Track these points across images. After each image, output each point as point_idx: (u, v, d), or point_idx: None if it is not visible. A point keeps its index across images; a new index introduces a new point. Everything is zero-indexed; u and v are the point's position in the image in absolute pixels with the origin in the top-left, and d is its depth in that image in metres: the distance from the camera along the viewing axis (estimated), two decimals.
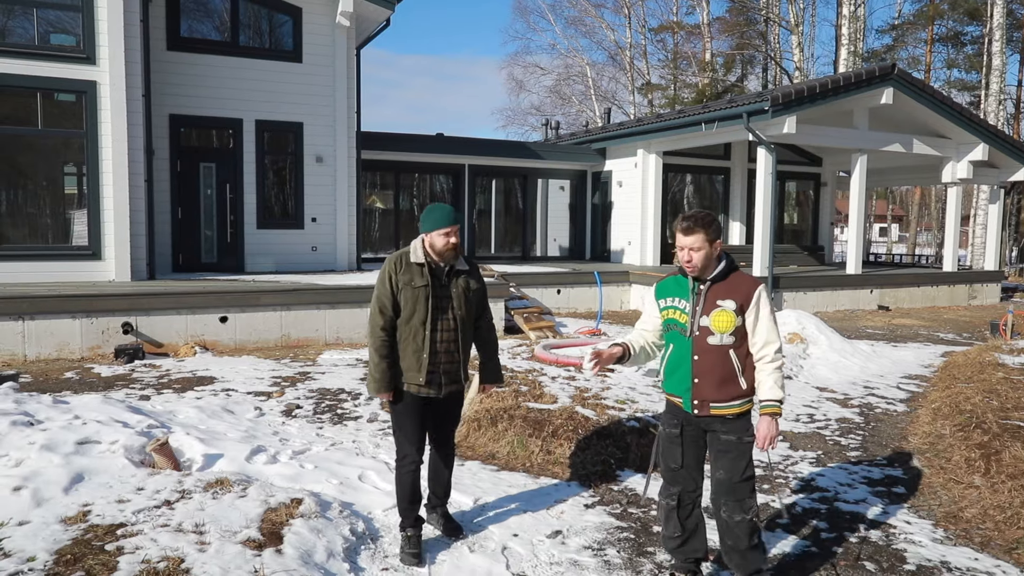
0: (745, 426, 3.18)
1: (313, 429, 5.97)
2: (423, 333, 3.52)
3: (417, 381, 3.55)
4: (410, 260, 3.55)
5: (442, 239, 3.52)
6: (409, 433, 3.65)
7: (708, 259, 3.14)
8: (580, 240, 18.19)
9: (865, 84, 13.43)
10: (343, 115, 12.97)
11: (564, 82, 37.56)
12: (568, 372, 7.23)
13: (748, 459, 3.17)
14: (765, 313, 3.14)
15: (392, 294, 3.52)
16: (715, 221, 3.17)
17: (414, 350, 3.53)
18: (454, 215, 3.57)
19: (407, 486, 3.66)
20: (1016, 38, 29.54)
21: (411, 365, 3.55)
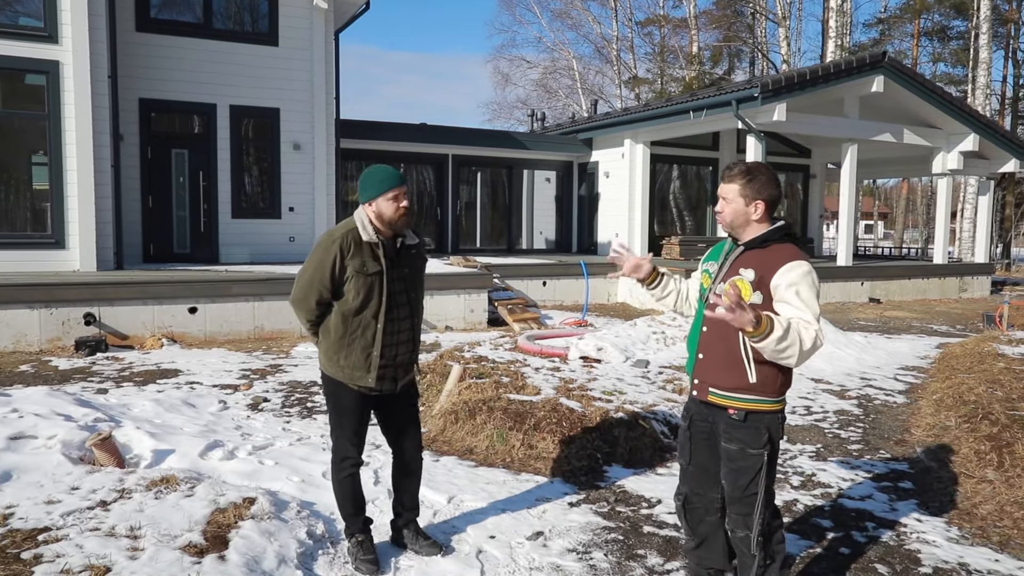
0: (752, 435, 2.65)
1: (279, 423, 5.57)
2: (375, 327, 3.01)
3: (365, 382, 3.05)
4: (361, 239, 2.98)
5: (391, 205, 2.97)
6: (351, 432, 3.14)
7: (739, 216, 2.68)
8: (566, 232, 17.84)
9: (856, 71, 13.15)
10: (321, 101, 12.53)
11: (550, 75, 37.21)
12: (552, 363, 6.87)
13: (754, 475, 2.67)
14: (790, 294, 2.53)
15: (334, 282, 2.95)
16: (760, 176, 2.66)
17: (363, 347, 3.01)
18: (399, 174, 3.05)
19: (348, 492, 3.19)
20: (1001, 33, 29.50)
21: (358, 364, 3.03)
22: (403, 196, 3.02)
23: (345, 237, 2.98)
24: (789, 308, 2.54)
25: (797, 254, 2.62)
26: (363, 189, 3.04)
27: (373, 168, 3.06)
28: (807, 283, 2.56)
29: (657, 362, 7.05)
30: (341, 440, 3.16)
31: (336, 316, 3.02)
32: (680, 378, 6.37)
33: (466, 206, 16.97)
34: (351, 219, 3.07)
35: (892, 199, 56.76)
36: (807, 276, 2.57)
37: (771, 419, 2.68)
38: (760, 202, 2.66)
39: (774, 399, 2.67)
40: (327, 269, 2.95)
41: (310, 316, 3.06)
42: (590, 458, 4.71)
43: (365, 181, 3.04)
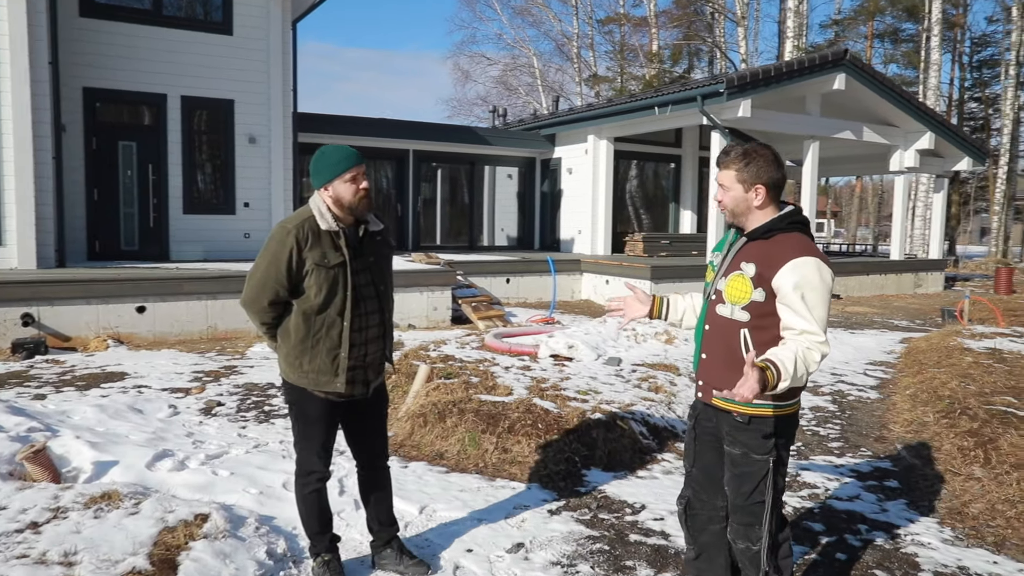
0: (756, 439, 2.43)
1: (235, 429, 5.22)
2: (341, 325, 2.71)
3: (333, 387, 2.74)
4: (319, 228, 2.66)
5: (350, 187, 2.66)
6: (318, 444, 2.81)
7: (739, 204, 2.44)
8: (529, 229, 17.63)
9: (818, 69, 13.20)
10: (278, 93, 12.07)
11: (511, 72, 37.04)
12: (522, 362, 6.63)
13: (757, 482, 2.44)
14: (795, 298, 2.28)
15: (291, 279, 2.63)
16: (758, 158, 2.41)
17: (329, 348, 2.70)
18: (356, 153, 2.72)
19: (314, 508, 2.87)
20: (948, 37, 30.28)
21: (324, 367, 2.71)
22: (362, 176, 2.70)
23: (301, 227, 2.65)
24: (793, 316, 2.31)
25: (804, 246, 2.36)
26: (317, 172, 2.71)
27: (326, 148, 2.73)
28: (814, 283, 2.30)
29: (629, 360, 6.86)
30: (306, 453, 2.84)
31: (296, 316, 2.70)
32: (655, 376, 6.19)
33: (427, 202, 16.63)
34: (306, 207, 2.74)
35: (842, 198, 58.13)
36: (814, 274, 2.30)
37: (779, 422, 2.44)
38: (760, 187, 2.41)
39: (782, 403, 2.43)
40: (283, 264, 2.62)
41: (265, 318, 2.74)
42: (568, 462, 4.48)
43: (319, 163, 2.70)
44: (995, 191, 30.88)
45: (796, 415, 2.54)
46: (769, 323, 2.39)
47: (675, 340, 7.74)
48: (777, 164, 2.44)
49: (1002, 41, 32.20)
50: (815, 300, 2.30)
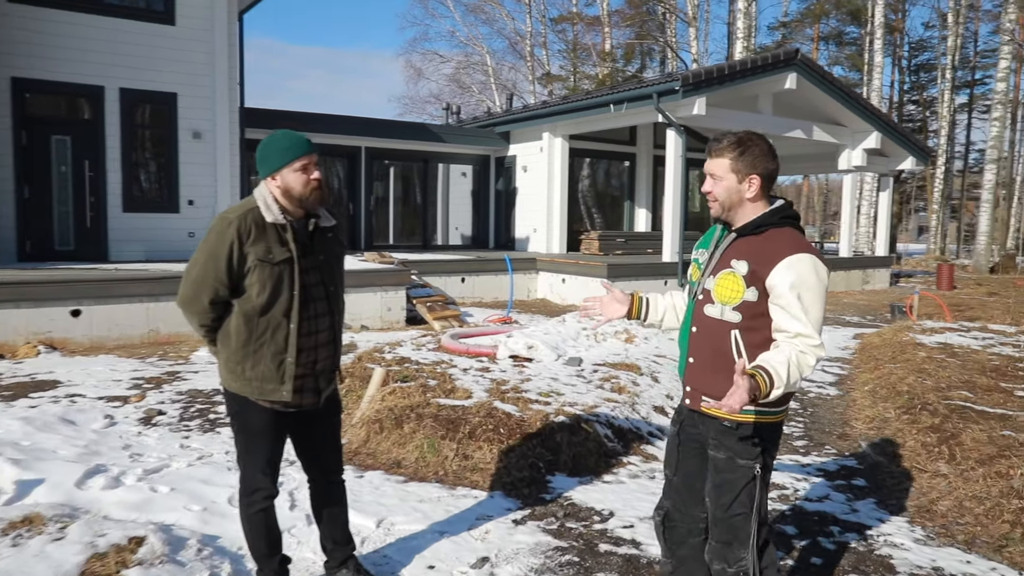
0: (743, 444, 2.28)
1: (177, 439, 4.89)
2: (287, 328, 2.47)
3: (279, 396, 2.50)
4: (264, 221, 2.43)
5: (300, 177, 2.43)
6: (262, 460, 2.57)
7: (731, 195, 2.27)
8: (484, 228, 17.42)
9: (771, 68, 13.33)
10: (223, 87, 11.61)
11: (464, 70, 36.75)
12: (481, 363, 6.44)
13: (739, 491, 2.28)
14: (791, 299, 2.14)
15: (232, 276, 2.40)
16: (753, 146, 2.25)
17: (274, 353, 2.47)
18: (307, 140, 2.49)
19: (261, 529, 2.63)
20: (889, 41, 31.17)
21: (268, 374, 2.47)
22: (314, 166, 2.47)
23: (243, 219, 2.41)
24: (786, 318, 2.16)
25: (798, 243, 2.22)
26: (264, 160, 2.47)
27: (275, 134, 2.49)
28: (810, 282, 2.16)
29: (590, 359, 6.73)
30: (250, 469, 2.59)
31: (237, 317, 2.46)
32: (617, 376, 6.06)
33: (380, 201, 16.28)
34: (250, 198, 2.50)
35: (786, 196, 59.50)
36: (811, 273, 2.16)
37: (766, 429, 2.31)
38: (755, 177, 2.26)
39: (773, 410, 2.29)
40: (222, 259, 2.38)
41: (204, 320, 2.49)
42: (532, 467, 4.31)
43: (266, 150, 2.47)
44: (933, 190, 31.92)
45: (782, 422, 2.40)
46: (761, 324, 2.24)
47: (635, 339, 7.64)
48: (772, 154, 2.29)
49: (938, 46, 33.33)
50: (811, 300, 2.16)
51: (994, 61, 28.59)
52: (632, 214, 17.79)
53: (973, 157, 38.34)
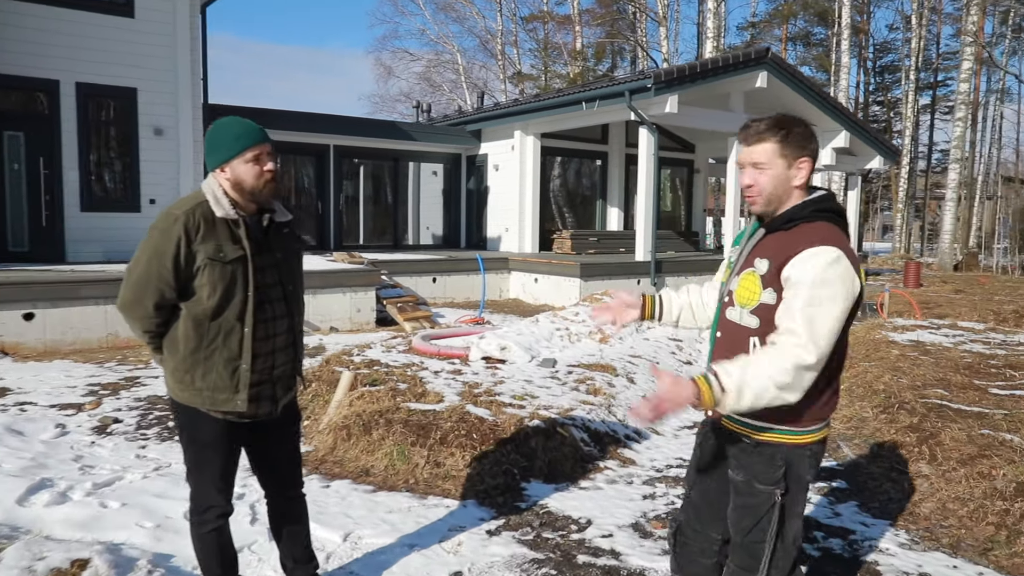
0: (763, 466, 2.04)
1: (133, 449, 4.65)
2: (241, 332, 2.28)
3: (233, 406, 2.31)
4: (213, 216, 2.24)
5: (252, 169, 2.24)
6: (216, 475, 2.38)
7: (780, 185, 1.99)
8: (455, 227, 17.22)
9: (742, 66, 13.33)
10: (186, 82, 11.26)
11: (434, 69, 36.48)
12: (453, 365, 6.26)
13: (759, 518, 2.05)
14: (797, 296, 1.89)
15: (179, 277, 2.20)
16: (796, 126, 1.98)
17: (227, 359, 2.28)
18: (260, 128, 2.29)
19: (214, 549, 2.43)
20: (855, 43, 31.64)
21: (221, 383, 2.28)
22: (268, 156, 2.28)
23: (191, 214, 2.21)
24: (783, 313, 1.92)
25: (827, 236, 1.93)
26: (212, 150, 2.27)
27: (224, 121, 2.29)
28: (826, 279, 1.87)
29: (564, 360, 6.59)
30: (202, 485, 2.39)
31: (186, 322, 2.26)
32: (592, 378, 5.93)
33: (349, 200, 15.99)
34: (198, 191, 2.30)
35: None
36: (826, 267, 1.87)
37: (793, 452, 2.04)
38: (805, 160, 1.99)
39: (799, 429, 2.02)
40: (168, 258, 2.18)
41: (148, 325, 2.28)
42: (506, 474, 4.15)
43: (215, 139, 2.27)
44: (898, 190, 32.46)
45: (819, 447, 2.09)
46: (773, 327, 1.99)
47: (610, 339, 7.53)
48: (813, 135, 2.03)
49: (902, 48, 33.92)
50: (819, 299, 1.88)
51: (956, 63, 29.15)
52: (604, 213, 17.73)
53: (935, 157, 39.11)
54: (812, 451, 2.06)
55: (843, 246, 1.93)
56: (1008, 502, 3.62)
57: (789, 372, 1.84)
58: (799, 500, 2.09)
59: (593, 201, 17.82)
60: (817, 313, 1.88)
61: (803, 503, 2.11)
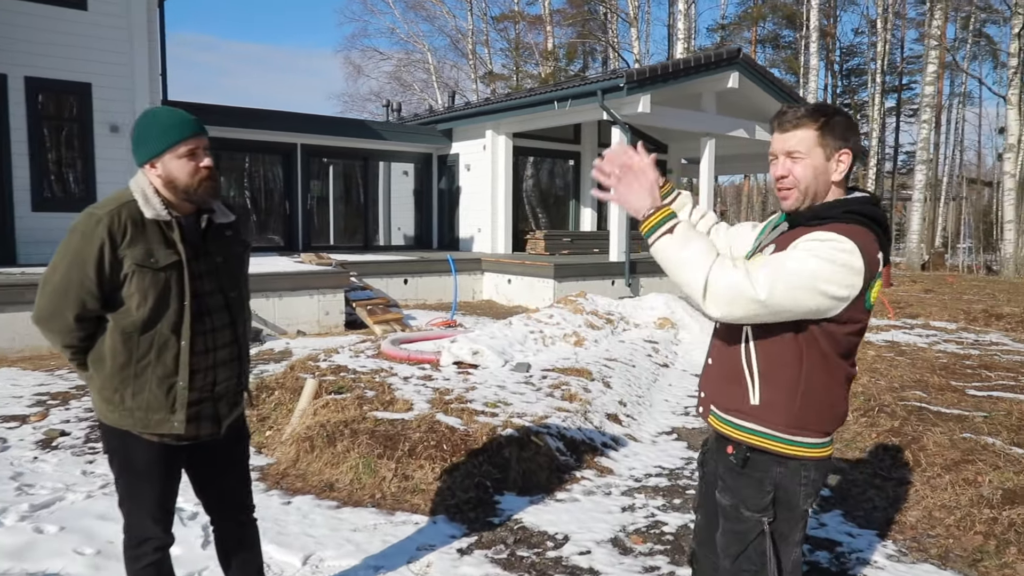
0: (750, 489, 1.87)
1: (79, 465, 4.35)
2: (177, 346, 2.05)
3: (169, 428, 2.07)
4: (142, 217, 2.00)
5: (186, 165, 2.01)
6: (152, 504, 2.13)
7: (819, 177, 1.80)
8: (427, 228, 16.96)
9: (714, 66, 13.28)
10: (143, 78, 10.86)
11: (405, 68, 36.13)
12: (423, 370, 6.04)
13: (745, 546, 1.88)
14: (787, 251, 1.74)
15: (104, 285, 1.96)
16: (838, 115, 1.80)
17: (161, 376, 2.04)
18: (194, 119, 2.06)
19: None
20: (822, 46, 32.00)
21: (155, 402, 2.04)
22: (204, 152, 2.05)
23: (116, 215, 1.96)
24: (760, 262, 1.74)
25: (854, 231, 1.73)
26: (140, 143, 2.03)
27: (154, 111, 2.05)
28: (821, 254, 1.68)
29: (539, 365, 6.41)
30: (137, 516, 2.15)
31: (113, 335, 2.02)
32: (567, 383, 5.75)
33: (318, 200, 15.65)
34: (125, 190, 2.05)
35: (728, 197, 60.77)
36: (834, 250, 1.68)
37: (785, 472, 1.84)
38: (846, 153, 1.80)
39: (790, 438, 1.82)
40: (90, 265, 1.94)
41: (69, 339, 2.03)
42: (478, 487, 3.95)
43: (143, 131, 2.02)
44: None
45: (816, 472, 1.86)
46: (778, 329, 1.79)
47: (585, 342, 7.36)
48: (856, 127, 1.83)
49: (867, 52, 34.40)
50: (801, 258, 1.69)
51: (919, 67, 29.61)
52: (577, 213, 17.61)
53: (901, 159, 39.74)
54: (806, 475, 1.84)
55: (865, 245, 1.72)
56: (996, 510, 3.51)
57: (726, 279, 1.68)
58: (794, 529, 1.89)
59: (566, 201, 17.69)
60: (794, 265, 1.69)
61: (800, 531, 1.91)
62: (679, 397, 6.28)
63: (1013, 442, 4.36)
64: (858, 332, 1.80)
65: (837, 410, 1.87)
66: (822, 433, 1.84)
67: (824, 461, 1.88)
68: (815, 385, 1.79)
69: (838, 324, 1.75)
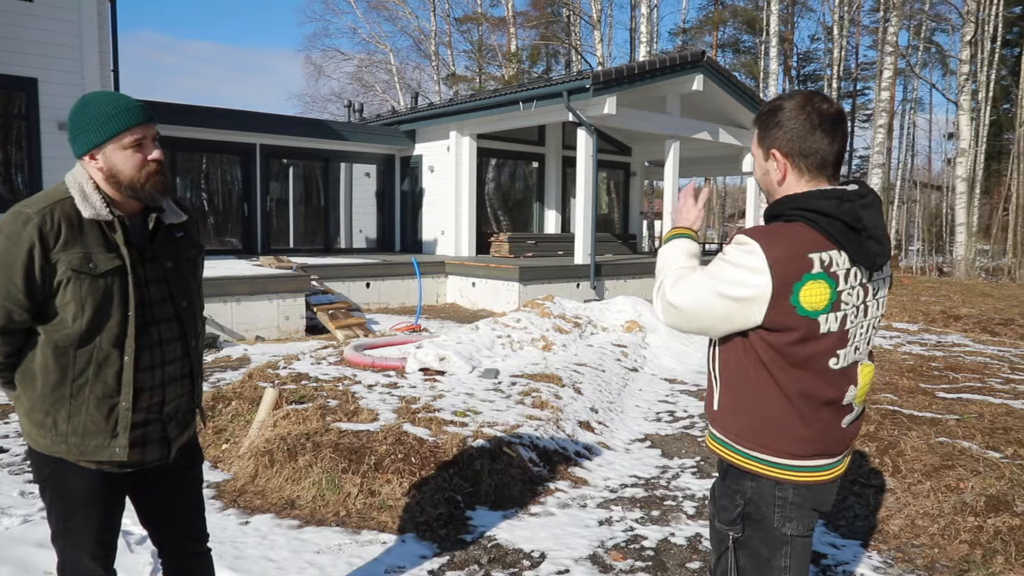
0: (724, 499, 1.79)
1: (17, 484, 4.04)
2: (119, 362, 1.81)
3: (110, 454, 1.83)
4: (79, 217, 1.77)
5: (131, 157, 1.79)
6: (90, 540, 1.89)
7: (761, 178, 1.78)
8: (389, 230, 16.67)
9: (679, 68, 13.29)
10: (94, 73, 10.40)
11: (366, 69, 35.68)
12: (388, 377, 5.83)
13: (719, 556, 1.80)
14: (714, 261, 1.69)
15: (33, 294, 1.73)
16: (780, 111, 1.69)
17: (101, 396, 1.81)
18: (141, 106, 1.82)
19: None
20: (780, 51, 32.53)
21: (92, 425, 1.81)
22: (152, 143, 1.83)
23: (48, 215, 1.73)
24: None
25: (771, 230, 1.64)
26: (78, 132, 1.80)
27: (94, 95, 1.81)
28: (724, 252, 1.67)
29: (507, 371, 6.23)
30: (74, 553, 1.91)
31: (45, 350, 1.78)
32: (538, 389, 5.59)
33: (278, 202, 15.25)
34: (60, 185, 1.82)
35: None
36: (730, 247, 1.66)
37: (756, 488, 1.72)
38: (775, 153, 1.70)
39: (749, 452, 1.71)
40: (17, 271, 1.70)
41: (7, 355, 1.79)
42: (449, 502, 3.76)
43: (81, 118, 1.79)
44: None
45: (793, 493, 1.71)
46: (734, 341, 1.71)
47: (553, 346, 7.21)
48: (807, 122, 1.66)
49: (823, 58, 35.06)
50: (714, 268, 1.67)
51: (873, 73, 30.27)
52: (542, 215, 17.50)
53: (855, 163, 40.59)
54: (781, 496, 1.70)
55: (777, 243, 1.60)
56: (980, 518, 3.44)
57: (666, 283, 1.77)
58: (775, 553, 1.72)
59: (530, 203, 17.56)
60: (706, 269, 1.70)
61: (787, 558, 1.72)
62: (650, 402, 6.17)
63: (988, 446, 4.33)
64: (800, 341, 1.61)
65: (793, 432, 1.67)
66: (786, 454, 1.68)
67: (806, 486, 1.71)
68: (760, 398, 1.68)
69: (771, 332, 1.62)
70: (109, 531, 1.94)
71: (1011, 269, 20.25)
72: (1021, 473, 3.80)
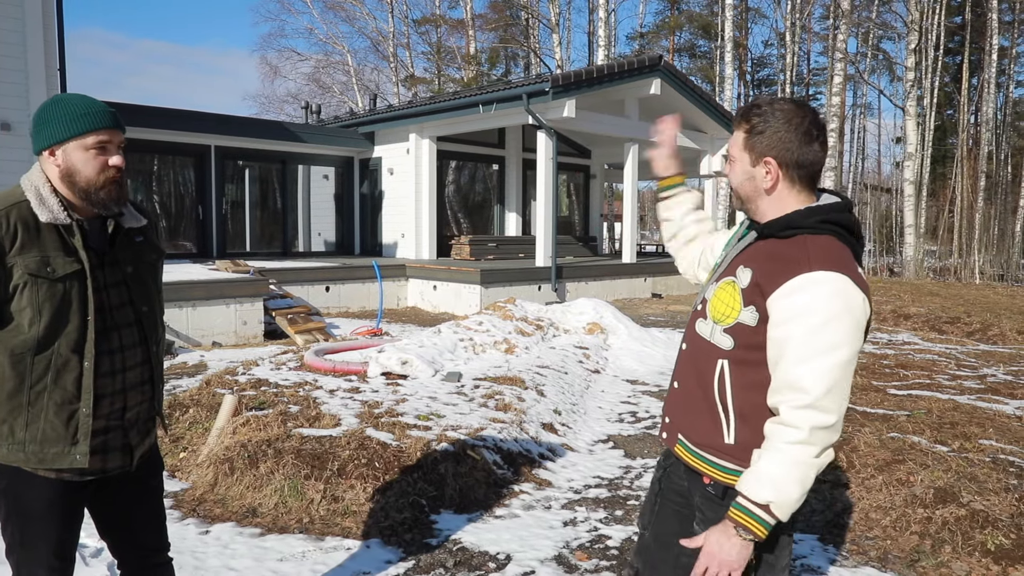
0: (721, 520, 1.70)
1: None
2: (79, 368, 1.77)
3: (70, 462, 1.78)
4: (36, 220, 1.73)
5: (93, 159, 1.76)
6: (48, 553, 1.83)
7: (745, 184, 1.71)
8: (348, 233, 16.52)
9: (637, 72, 13.47)
10: (39, 72, 10.09)
11: (324, 70, 35.31)
12: (350, 382, 5.78)
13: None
14: (791, 339, 1.54)
15: None
16: (775, 118, 1.64)
17: (60, 403, 1.76)
18: (107, 109, 1.80)
19: None
20: (736, 56, 33.20)
21: (52, 433, 1.77)
22: (116, 148, 1.80)
23: (3, 219, 1.70)
24: (778, 373, 1.57)
25: (828, 257, 1.56)
26: (42, 126, 1.76)
27: (65, 96, 1.78)
28: (825, 318, 1.51)
29: (470, 374, 6.24)
30: (29, 567, 1.85)
31: (1, 357, 1.74)
32: (501, 392, 5.60)
33: (234, 205, 14.99)
34: (15, 187, 1.78)
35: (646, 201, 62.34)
36: (829, 303, 1.52)
37: None
38: (770, 162, 1.66)
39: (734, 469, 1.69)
40: None
41: None
42: (413, 506, 3.74)
43: (47, 114, 1.76)
44: None
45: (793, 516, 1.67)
46: (759, 358, 1.62)
47: (516, 349, 7.24)
48: (807, 132, 1.63)
49: (776, 63, 35.91)
50: (821, 344, 1.51)
51: (824, 78, 31.10)
52: (503, 218, 17.53)
53: None
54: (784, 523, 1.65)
55: (849, 271, 1.57)
56: (928, 509, 3.57)
57: (807, 441, 1.52)
58: (783, 554, 1.73)
59: (491, 206, 17.59)
60: (828, 378, 1.52)
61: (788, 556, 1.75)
62: (612, 403, 6.23)
63: (937, 440, 4.49)
64: None
65: None
66: None
67: None
68: None
69: None
70: (67, 544, 1.89)
71: (957, 269, 20.96)
72: (967, 466, 3.95)
